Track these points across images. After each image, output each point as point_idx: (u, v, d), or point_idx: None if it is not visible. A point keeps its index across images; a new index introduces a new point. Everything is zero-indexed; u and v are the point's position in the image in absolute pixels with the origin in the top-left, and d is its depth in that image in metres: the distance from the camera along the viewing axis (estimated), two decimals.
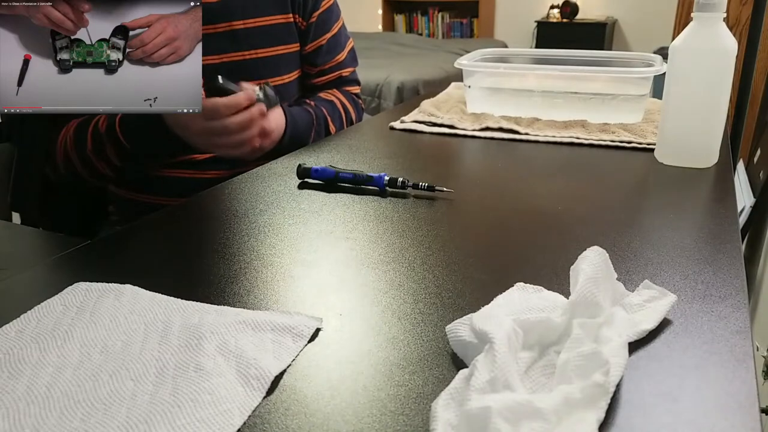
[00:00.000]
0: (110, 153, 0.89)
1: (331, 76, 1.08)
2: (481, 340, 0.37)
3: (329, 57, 1.07)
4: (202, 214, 0.68)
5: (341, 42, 1.09)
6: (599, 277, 0.42)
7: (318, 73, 1.07)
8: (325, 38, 1.05)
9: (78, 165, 0.92)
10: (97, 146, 0.90)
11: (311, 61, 1.05)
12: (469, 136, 0.96)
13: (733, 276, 0.50)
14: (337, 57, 1.08)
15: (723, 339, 0.41)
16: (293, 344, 0.42)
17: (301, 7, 1.01)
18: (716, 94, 0.76)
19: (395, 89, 2.86)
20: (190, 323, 0.44)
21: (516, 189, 0.74)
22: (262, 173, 0.80)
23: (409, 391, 0.37)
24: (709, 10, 0.73)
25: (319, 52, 1.05)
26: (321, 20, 1.04)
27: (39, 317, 0.45)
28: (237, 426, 0.35)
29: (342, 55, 1.09)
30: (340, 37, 1.08)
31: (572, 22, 4.05)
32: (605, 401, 0.34)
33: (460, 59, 1.04)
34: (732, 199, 0.68)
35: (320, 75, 1.07)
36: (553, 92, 1.02)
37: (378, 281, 0.51)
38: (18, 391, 0.37)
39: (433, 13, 4.73)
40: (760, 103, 2.12)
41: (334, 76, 1.09)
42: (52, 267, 0.57)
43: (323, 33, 1.05)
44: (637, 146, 0.88)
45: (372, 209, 0.66)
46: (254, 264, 0.54)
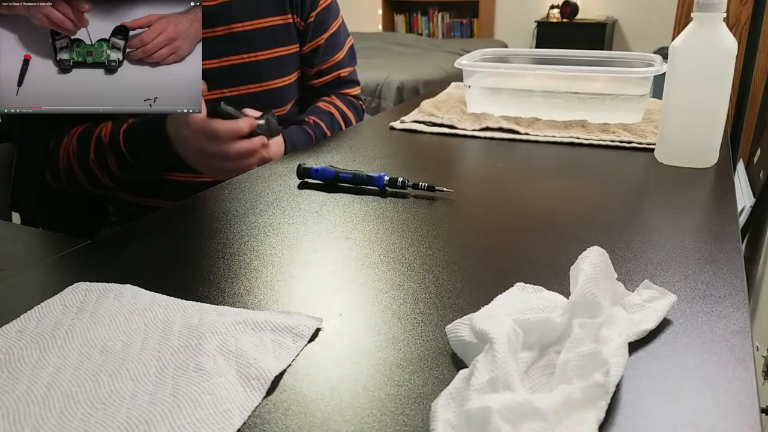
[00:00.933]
0: (112, 164, 0.89)
1: (329, 77, 1.08)
2: (481, 340, 0.37)
3: (326, 57, 1.06)
4: (202, 214, 0.68)
5: (340, 42, 1.08)
6: (599, 277, 0.42)
7: (316, 74, 1.06)
8: (323, 38, 1.05)
9: (79, 173, 0.92)
10: (99, 156, 0.90)
11: (309, 61, 1.05)
12: (469, 136, 0.96)
13: (733, 276, 0.50)
14: (335, 57, 1.07)
15: (723, 339, 0.41)
16: (293, 344, 0.42)
17: (299, 7, 1.00)
18: (716, 94, 0.76)
19: (395, 89, 2.86)
20: (190, 323, 0.44)
21: (516, 189, 0.74)
22: (262, 173, 0.80)
23: (409, 391, 0.37)
24: (709, 10, 0.73)
25: (317, 52, 1.05)
26: (319, 20, 1.03)
27: (39, 317, 0.45)
28: (237, 426, 0.35)
29: (340, 55, 1.08)
30: (338, 36, 1.08)
31: (572, 22, 4.05)
32: (605, 401, 0.34)
33: (460, 59, 1.04)
34: (732, 199, 0.68)
35: (318, 76, 1.07)
36: (553, 92, 1.02)
37: (378, 281, 0.51)
38: (18, 391, 0.37)
39: (433, 13, 4.73)
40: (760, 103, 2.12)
41: (332, 77, 1.08)
42: (52, 267, 0.57)
43: (321, 33, 1.04)
44: (637, 146, 0.88)
45: (372, 209, 0.66)
46: (254, 264, 0.54)
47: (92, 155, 0.90)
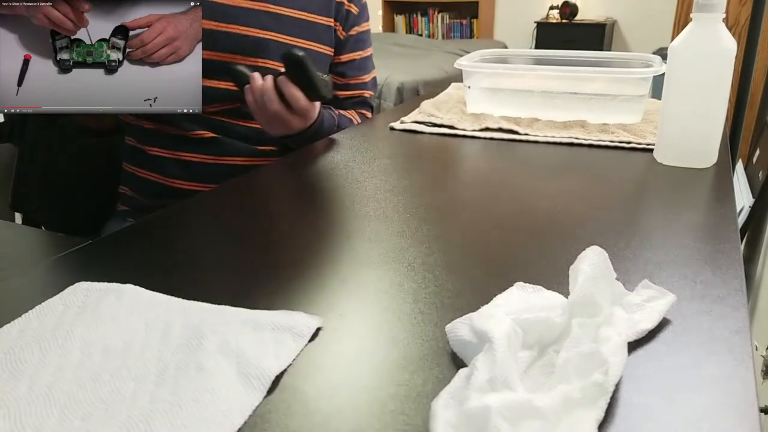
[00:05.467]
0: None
1: (354, 93, 1.11)
2: (481, 339, 0.37)
3: (359, 73, 1.10)
4: (202, 214, 0.68)
5: (369, 67, 1.13)
6: (598, 276, 0.42)
7: (344, 86, 1.09)
8: (360, 55, 1.09)
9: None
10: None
11: (342, 71, 1.08)
12: (468, 136, 0.96)
13: (732, 276, 0.50)
14: (364, 77, 1.11)
15: (722, 339, 0.41)
16: (293, 344, 0.42)
17: (344, 18, 1.05)
18: (715, 94, 0.76)
19: (395, 89, 2.86)
20: (190, 323, 0.44)
21: (516, 189, 0.74)
22: (262, 173, 0.80)
23: (409, 391, 0.37)
24: (708, 11, 0.73)
25: (352, 65, 1.08)
26: (359, 37, 1.08)
27: (40, 317, 0.45)
28: (237, 425, 0.35)
29: (368, 77, 1.13)
30: (369, 62, 1.13)
31: (572, 22, 4.05)
32: (605, 401, 0.34)
33: (460, 60, 1.04)
34: (731, 199, 0.68)
35: (345, 89, 1.10)
36: (553, 93, 1.02)
37: (378, 281, 0.51)
38: (19, 391, 0.38)
39: (433, 13, 4.73)
40: (759, 104, 2.12)
41: (357, 94, 1.12)
42: (53, 267, 0.57)
43: (359, 49, 1.08)
44: (636, 146, 0.88)
45: (372, 209, 0.66)
46: (255, 264, 0.54)
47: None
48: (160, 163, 0.97)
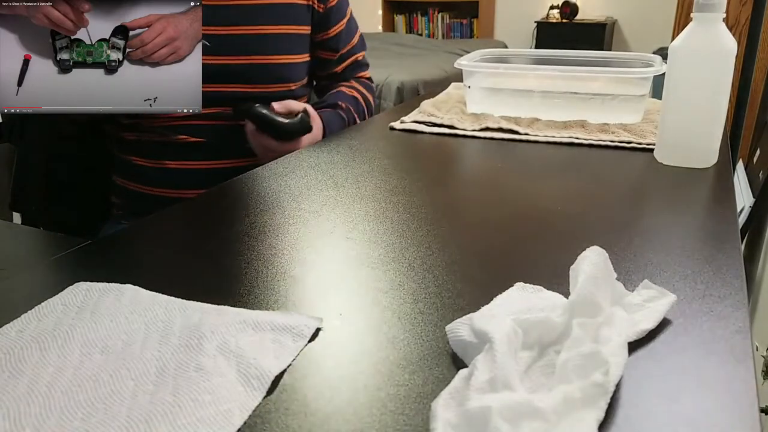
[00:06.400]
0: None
1: (349, 62, 1.11)
2: (481, 339, 0.37)
3: (348, 39, 1.10)
4: (202, 214, 0.68)
5: (353, 27, 1.12)
6: (599, 276, 0.42)
7: (339, 59, 1.09)
8: (343, 23, 1.08)
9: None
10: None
11: (333, 46, 1.07)
12: (468, 136, 0.96)
13: (732, 276, 0.50)
14: (352, 41, 1.11)
15: (723, 339, 0.41)
16: (293, 344, 0.42)
17: None
18: (716, 94, 0.76)
19: (395, 89, 2.86)
20: (190, 323, 0.44)
21: (516, 189, 0.74)
22: (262, 173, 0.80)
23: (409, 391, 0.37)
24: (708, 11, 0.73)
25: (340, 37, 1.08)
26: (338, 6, 1.06)
27: (39, 317, 0.45)
28: (237, 426, 0.35)
29: (355, 39, 1.12)
30: (352, 22, 1.12)
31: (572, 22, 4.05)
32: (605, 401, 0.34)
33: (460, 60, 1.04)
34: (731, 199, 0.68)
35: (341, 61, 1.10)
36: (553, 92, 1.02)
37: (378, 281, 0.51)
38: (19, 391, 0.37)
39: (433, 13, 4.73)
40: (759, 104, 2.12)
41: (351, 61, 1.12)
42: (52, 267, 0.57)
43: (341, 18, 1.07)
44: (636, 146, 0.88)
45: (372, 209, 0.66)
46: (254, 264, 0.54)
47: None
48: (144, 172, 0.96)
